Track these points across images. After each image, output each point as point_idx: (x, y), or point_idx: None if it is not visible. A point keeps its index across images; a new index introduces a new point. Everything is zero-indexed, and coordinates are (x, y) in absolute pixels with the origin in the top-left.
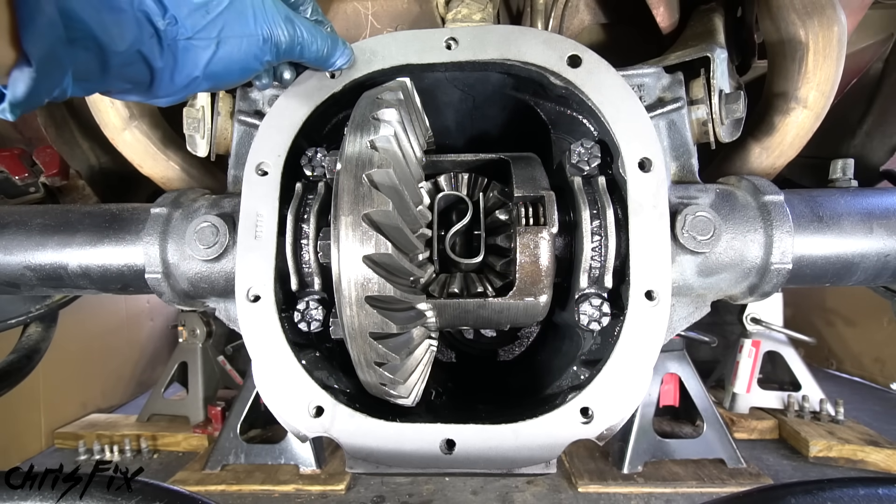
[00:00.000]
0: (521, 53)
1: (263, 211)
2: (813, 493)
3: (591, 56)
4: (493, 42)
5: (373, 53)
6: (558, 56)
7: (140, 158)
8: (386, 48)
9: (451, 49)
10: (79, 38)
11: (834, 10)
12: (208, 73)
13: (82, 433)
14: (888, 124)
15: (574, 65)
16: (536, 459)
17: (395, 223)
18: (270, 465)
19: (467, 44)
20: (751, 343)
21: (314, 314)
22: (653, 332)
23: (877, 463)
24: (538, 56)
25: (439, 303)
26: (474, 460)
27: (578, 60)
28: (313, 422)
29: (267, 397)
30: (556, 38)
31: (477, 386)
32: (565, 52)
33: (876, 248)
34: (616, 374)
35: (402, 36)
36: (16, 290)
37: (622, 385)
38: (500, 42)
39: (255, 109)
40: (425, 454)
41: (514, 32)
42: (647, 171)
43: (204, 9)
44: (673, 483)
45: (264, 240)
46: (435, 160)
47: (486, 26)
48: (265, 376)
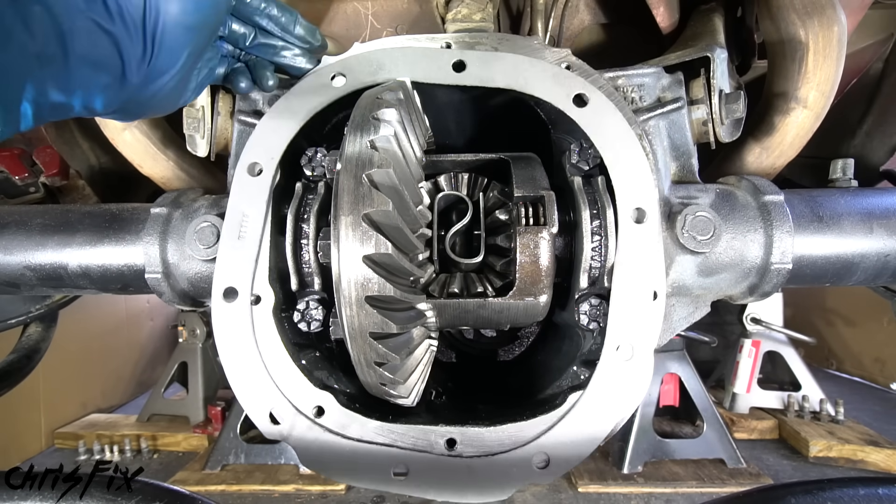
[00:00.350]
0: (528, 86)
1: (250, 211)
2: (813, 493)
3: (599, 97)
4: (502, 71)
5: (380, 66)
6: (565, 94)
7: (140, 158)
8: (394, 63)
9: (458, 72)
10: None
11: (834, 10)
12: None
13: (82, 433)
14: (888, 124)
15: (580, 104)
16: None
17: (395, 223)
18: (270, 465)
19: (475, 69)
20: (751, 343)
21: (314, 314)
22: (628, 395)
23: (877, 463)
24: (545, 91)
25: (439, 303)
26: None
27: (585, 101)
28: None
29: (239, 396)
30: (566, 75)
31: (477, 386)
32: (573, 91)
33: (876, 248)
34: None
35: (411, 53)
36: (16, 290)
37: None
38: (509, 71)
39: (255, 109)
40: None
41: (523, 63)
42: (641, 223)
43: None
44: (673, 483)
45: (248, 240)
46: (435, 160)
47: (496, 54)
48: (235, 376)
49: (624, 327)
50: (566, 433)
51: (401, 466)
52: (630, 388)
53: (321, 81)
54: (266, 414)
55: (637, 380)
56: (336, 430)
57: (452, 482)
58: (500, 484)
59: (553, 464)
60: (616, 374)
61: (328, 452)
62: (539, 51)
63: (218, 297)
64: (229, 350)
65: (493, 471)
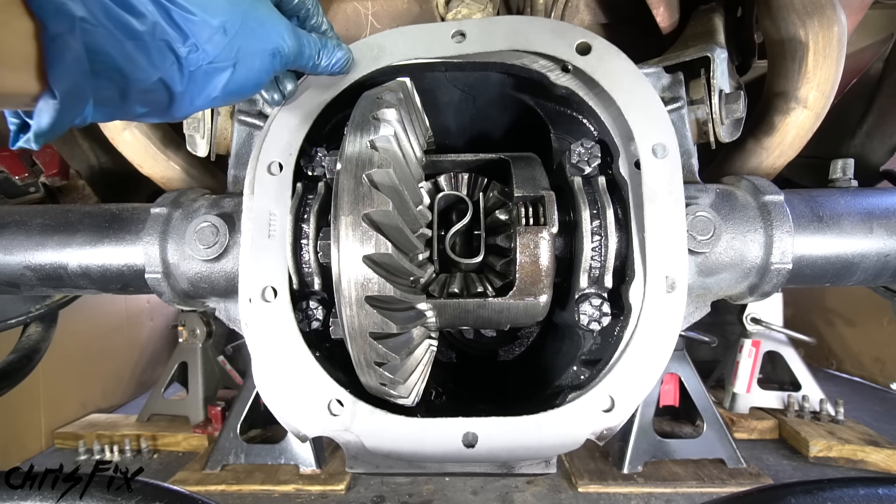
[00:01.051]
0: (529, 43)
1: (276, 210)
2: (813, 493)
3: (601, 42)
4: (502, 33)
5: (381, 49)
6: (567, 44)
7: (140, 158)
8: (394, 44)
9: (459, 42)
10: (102, 69)
11: (834, 10)
12: (226, 93)
13: (82, 433)
14: (888, 124)
15: (584, 52)
16: (560, 449)
17: (395, 223)
18: (270, 465)
19: (475, 36)
20: (751, 343)
21: (314, 314)
22: (671, 320)
23: (877, 463)
24: (547, 45)
25: (439, 303)
26: (497, 453)
27: (588, 47)
28: (331, 420)
29: (271, 398)
30: (565, 25)
31: (477, 386)
32: (574, 40)
33: (876, 248)
34: (636, 362)
35: (409, 31)
36: (16, 290)
37: (642, 371)
38: (509, 32)
39: (256, 110)
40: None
41: (521, 22)
42: (661, 158)
43: (221, 31)
44: (673, 483)
45: (278, 238)
46: (435, 160)
47: (492, 18)
48: (270, 377)
49: (663, 258)
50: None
51: (469, 436)
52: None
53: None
54: (325, 406)
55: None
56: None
57: (525, 439)
58: (574, 431)
59: (617, 405)
60: (662, 304)
61: (395, 435)
62: None
63: (256, 296)
64: (274, 349)
65: (562, 420)
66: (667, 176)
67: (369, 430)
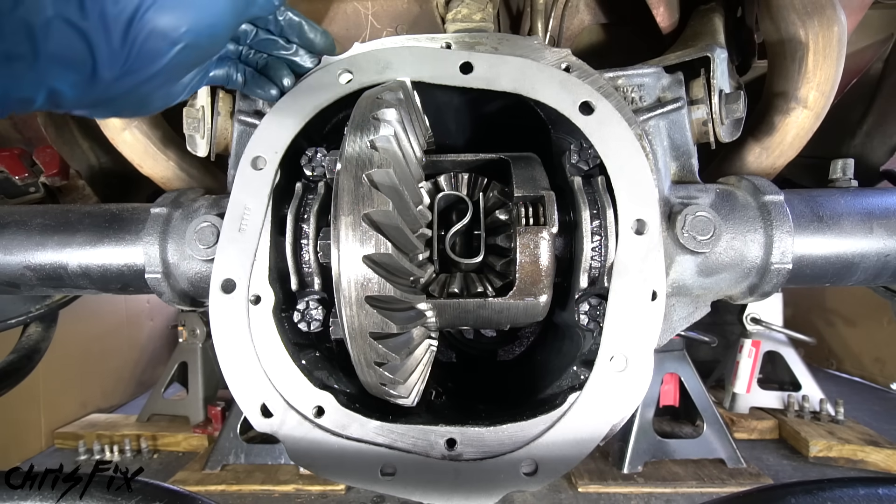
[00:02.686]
0: (535, 91)
1: (252, 205)
2: (813, 493)
3: (605, 106)
4: (509, 75)
5: (387, 64)
6: (571, 101)
7: (140, 158)
8: (402, 63)
9: (465, 74)
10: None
11: (834, 10)
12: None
13: (82, 433)
14: (888, 124)
15: (586, 112)
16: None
17: (395, 223)
18: (270, 464)
19: (482, 72)
20: (751, 343)
21: (314, 314)
22: (622, 402)
23: (877, 463)
24: (551, 97)
25: (439, 303)
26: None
27: (591, 108)
28: (264, 422)
29: (233, 390)
30: (573, 81)
31: (477, 386)
32: (579, 98)
33: (876, 248)
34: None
35: (419, 53)
36: (16, 290)
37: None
38: (516, 75)
39: (256, 109)
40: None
41: (531, 68)
42: (641, 234)
43: None
44: (673, 483)
45: (248, 233)
46: (435, 160)
47: (503, 56)
48: (229, 369)
49: (618, 338)
50: (561, 434)
51: (389, 467)
52: (623, 396)
53: (328, 78)
54: (258, 407)
55: (631, 387)
56: (334, 430)
57: (440, 485)
58: (488, 489)
59: (541, 470)
60: (609, 384)
61: (317, 449)
62: (539, 51)
63: (216, 289)
64: (224, 342)
65: (481, 475)
66: (641, 254)
67: (293, 439)
